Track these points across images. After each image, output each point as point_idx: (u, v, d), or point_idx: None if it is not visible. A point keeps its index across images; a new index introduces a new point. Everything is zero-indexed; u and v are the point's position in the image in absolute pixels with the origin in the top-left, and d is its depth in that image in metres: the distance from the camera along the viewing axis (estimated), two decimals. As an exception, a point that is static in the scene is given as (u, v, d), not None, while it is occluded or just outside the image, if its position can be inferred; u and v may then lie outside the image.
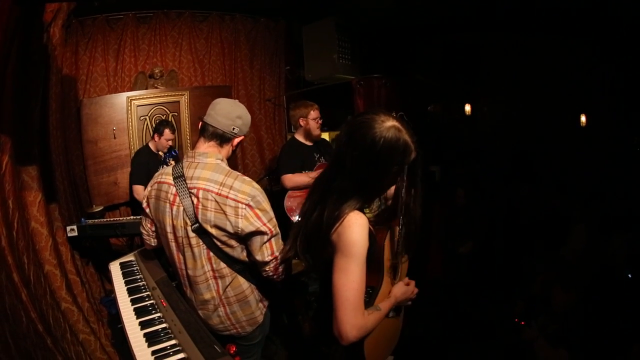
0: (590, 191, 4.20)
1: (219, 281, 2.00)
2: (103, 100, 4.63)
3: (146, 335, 1.75)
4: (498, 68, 5.09)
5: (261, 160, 5.94)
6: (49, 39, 3.44)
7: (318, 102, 3.86)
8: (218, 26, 5.49)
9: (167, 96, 4.96)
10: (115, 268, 2.47)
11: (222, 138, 2.00)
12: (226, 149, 2.04)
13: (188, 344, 1.60)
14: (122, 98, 4.67)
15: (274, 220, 1.95)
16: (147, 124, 4.81)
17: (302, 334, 3.42)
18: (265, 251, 1.91)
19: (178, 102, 5.00)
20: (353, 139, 1.46)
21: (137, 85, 5.00)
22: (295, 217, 3.54)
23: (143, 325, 1.84)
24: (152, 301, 2.04)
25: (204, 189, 1.87)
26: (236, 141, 2.06)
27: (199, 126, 2.05)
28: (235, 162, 5.52)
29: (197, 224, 1.89)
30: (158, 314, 1.92)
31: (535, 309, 3.20)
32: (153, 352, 1.63)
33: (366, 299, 1.53)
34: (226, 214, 1.84)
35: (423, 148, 1.47)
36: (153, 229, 2.20)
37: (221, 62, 5.60)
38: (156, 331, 1.78)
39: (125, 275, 2.37)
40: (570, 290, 2.99)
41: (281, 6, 5.47)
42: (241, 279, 2.03)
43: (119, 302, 2.07)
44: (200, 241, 1.93)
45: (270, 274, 1.98)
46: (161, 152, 4.36)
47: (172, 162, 4.24)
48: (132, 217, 4.03)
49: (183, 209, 1.91)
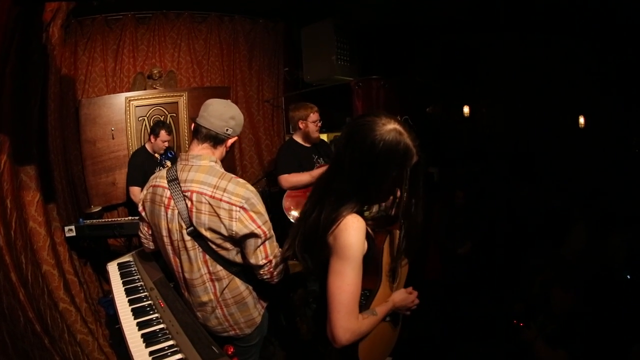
0: (589, 191, 4.20)
1: (216, 284, 1.99)
2: (101, 100, 4.63)
3: (144, 335, 1.75)
4: (497, 69, 5.09)
5: (259, 161, 5.93)
6: (48, 39, 3.44)
7: (316, 104, 3.85)
8: (217, 27, 5.49)
9: (166, 97, 4.96)
10: (113, 268, 2.47)
11: (216, 139, 1.98)
12: (220, 151, 2.03)
13: (186, 345, 1.60)
14: (121, 98, 4.67)
15: (269, 223, 1.95)
16: (146, 125, 4.79)
17: (300, 335, 3.42)
18: (259, 254, 1.91)
19: (176, 103, 4.99)
20: (352, 141, 1.44)
21: (136, 85, 4.99)
22: (292, 213, 3.54)
23: (141, 325, 1.83)
24: (150, 302, 2.04)
25: (198, 192, 1.86)
26: (230, 142, 2.05)
27: (192, 127, 2.04)
28: (233, 164, 5.52)
29: (192, 227, 1.89)
30: (156, 315, 1.92)
31: (534, 310, 3.20)
32: (151, 353, 1.62)
33: (362, 302, 1.52)
34: (220, 217, 1.84)
35: (422, 149, 1.46)
36: (150, 233, 2.20)
37: (220, 63, 5.60)
38: (154, 332, 1.78)
39: (123, 275, 2.36)
40: (569, 290, 2.99)
41: (280, 7, 5.48)
42: (238, 281, 2.03)
43: (117, 303, 2.07)
44: (195, 244, 1.92)
45: (265, 277, 1.98)
46: (157, 154, 4.35)
47: (169, 164, 4.24)
48: (130, 218, 4.03)
49: (178, 213, 1.90)
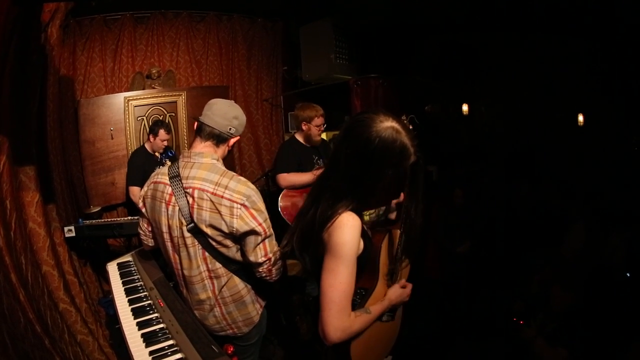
0: (589, 190, 4.21)
1: (215, 281, 2.00)
2: (100, 100, 4.62)
3: (144, 335, 1.76)
4: (496, 67, 5.10)
5: (258, 160, 5.94)
6: (47, 39, 3.44)
7: (315, 102, 3.83)
8: (215, 26, 5.49)
9: (165, 96, 4.95)
10: (112, 268, 2.47)
11: (219, 138, 2.01)
12: (222, 149, 2.05)
13: (185, 344, 1.61)
14: (120, 98, 4.66)
15: (269, 221, 1.95)
16: (145, 125, 4.79)
17: (300, 335, 3.42)
18: (259, 252, 1.91)
19: (175, 103, 4.99)
20: (349, 137, 1.44)
21: (135, 85, 4.99)
22: (288, 217, 3.53)
23: (141, 325, 1.84)
24: (150, 301, 2.05)
25: (200, 189, 1.87)
26: (232, 141, 2.07)
27: (194, 126, 2.05)
28: (232, 163, 5.52)
29: (193, 224, 1.90)
30: (155, 314, 1.92)
31: (533, 308, 3.20)
32: (151, 353, 1.63)
33: (358, 300, 1.52)
34: (221, 214, 1.84)
35: (421, 149, 1.44)
36: (150, 229, 2.20)
37: (218, 63, 5.60)
38: (154, 331, 1.78)
39: (122, 275, 2.37)
40: (569, 289, 2.99)
41: (278, 6, 5.47)
42: (237, 279, 2.03)
43: (117, 303, 2.07)
44: (195, 241, 1.93)
45: (264, 275, 1.99)
46: (157, 153, 4.35)
47: (169, 163, 4.24)
48: (130, 218, 4.03)
49: (178, 209, 1.91)
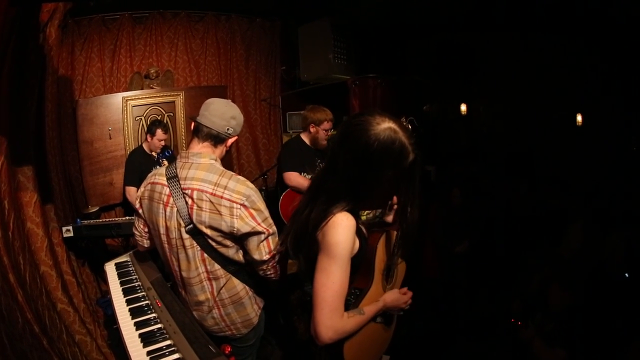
0: (588, 190, 4.21)
1: (213, 282, 2.00)
2: (99, 100, 4.62)
3: (141, 335, 1.76)
4: (494, 67, 5.10)
5: (256, 160, 5.94)
6: (45, 40, 3.43)
7: (313, 103, 3.83)
8: (214, 26, 5.49)
9: (163, 96, 4.95)
10: (110, 268, 2.47)
11: (217, 139, 2.00)
12: (220, 149, 2.05)
13: (183, 345, 1.61)
14: (118, 98, 4.66)
15: (270, 219, 1.95)
16: (143, 124, 4.79)
17: (298, 335, 3.42)
18: (262, 250, 1.91)
19: (173, 103, 4.99)
20: (347, 140, 1.44)
21: (133, 85, 4.99)
22: (286, 215, 3.52)
23: (138, 325, 1.84)
24: (148, 302, 2.05)
25: (198, 190, 1.87)
26: (230, 142, 2.07)
27: (192, 126, 2.04)
28: (230, 162, 5.52)
29: (191, 225, 1.89)
30: (153, 315, 1.92)
31: (532, 308, 3.20)
32: (148, 353, 1.63)
33: (352, 300, 1.52)
34: (221, 214, 1.84)
35: (418, 147, 1.44)
36: (146, 230, 2.19)
37: (217, 62, 5.60)
38: (151, 331, 1.79)
39: (120, 275, 2.37)
40: (567, 289, 3.00)
41: (277, 6, 5.48)
42: (235, 281, 2.03)
43: (114, 303, 2.07)
44: (194, 242, 1.92)
45: (268, 273, 1.99)
46: (154, 153, 4.35)
47: (166, 163, 4.24)
48: (128, 218, 4.03)
49: (177, 210, 1.90)
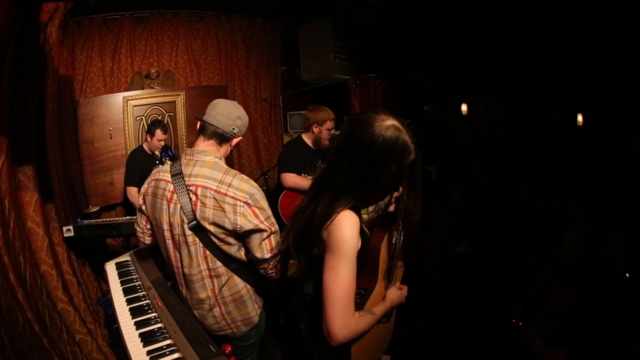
0: (588, 190, 4.20)
1: (215, 280, 2.00)
2: (99, 100, 4.63)
3: (142, 335, 1.76)
4: (495, 67, 5.10)
5: (257, 160, 5.95)
6: (46, 39, 3.43)
7: (314, 103, 3.83)
8: (214, 26, 5.50)
9: (163, 96, 4.96)
10: (111, 268, 2.47)
11: (222, 137, 2.02)
12: (224, 149, 2.06)
13: (183, 344, 1.61)
14: (119, 98, 4.67)
15: (272, 218, 1.96)
16: (143, 124, 4.80)
17: (299, 335, 3.42)
18: (264, 248, 1.92)
19: (174, 102, 5.00)
20: (352, 137, 1.46)
21: (134, 85, 5.00)
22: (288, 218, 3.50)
23: (139, 325, 1.84)
24: (148, 301, 2.05)
25: (203, 187, 1.88)
26: (235, 141, 2.08)
27: (198, 125, 2.06)
28: (231, 162, 5.51)
29: (195, 222, 1.90)
30: (154, 314, 1.92)
31: (532, 308, 3.20)
32: (148, 352, 1.63)
33: (358, 301, 1.52)
34: (225, 211, 1.85)
35: (420, 147, 1.46)
36: (148, 227, 2.20)
37: (217, 62, 5.61)
38: (152, 331, 1.78)
39: (121, 275, 2.37)
40: (568, 289, 2.99)
41: (277, 6, 5.49)
42: (237, 279, 2.03)
43: (115, 302, 2.07)
44: (196, 239, 1.93)
45: (269, 272, 1.99)
46: (157, 152, 4.35)
47: (169, 162, 4.23)
48: (128, 217, 4.03)
49: (180, 207, 1.91)
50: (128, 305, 2.03)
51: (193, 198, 1.89)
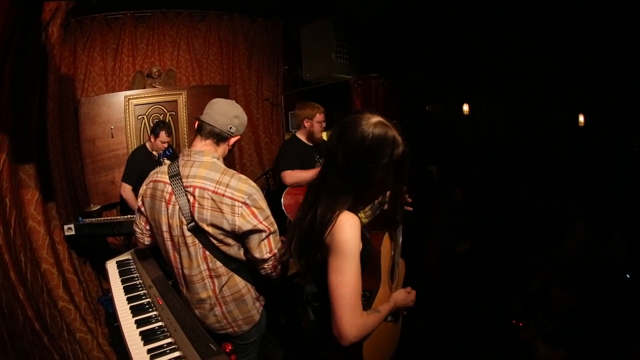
0: (589, 190, 4.20)
1: (215, 280, 2.00)
2: (101, 99, 4.63)
3: (142, 333, 1.76)
4: (496, 67, 5.10)
5: (259, 159, 5.94)
6: (47, 38, 3.44)
7: (316, 102, 3.85)
8: (216, 26, 5.49)
9: (165, 95, 4.96)
10: (111, 266, 2.47)
11: (219, 137, 2.01)
12: (222, 148, 2.06)
13: (184, 343, 1.61)
14: (120, 97, 4.67)
15: (271, 218, 1.96)
16: (145, 123, 4.81)
17: (300, 334, 3.42)
18: (263, 248, 1.92)
19: (176, 102, 5.00)
20: (343, 138, 1.49)
21: (135, 84, 4.99)
22: (292, 215, 3.52)
23: (139, 323, 1.84)
24: (149, 299, 2.05)
25: (201, 187, 1.87)
26: (232, 141, 2.07)
27: (196, 125, 2.06)
28: (232, 162, 5.52)
29: (193, 223, 1.89)
30: (154, 313, 1.92)
31: (533, 309, 3.20)
32: (149, 350, 1.63)
33: (364, 302, 1.53)
34: (223, 212, 1.85)
35: (421, 147, 1.49)
36: (147, 228, 2.20)
37: (219, 62, 5.61)
38: (152, 329, 1.79)
39: (121, 273, 2.37)
40: (568, 289, 2.99)
41: (279, 6, 5.48)
42: (237, 278, 2.03)
43: (116, 301, 2.07)
44: (196, 240, 1.93)
45: (268, 272, 1.99)
46: (155, 152, 4.35)
47: (167, 162, 4.24)
48: (129, 216, 4.02)
49: (179, 208, 1.91)
50: (129, 303, 2.03)
51: (191, 199, 1.89)
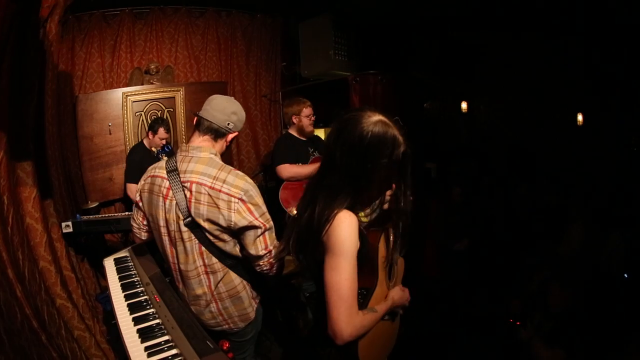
0: (588, 190, 4.21)
1: (211, 276, 2.00)
2: (99, 96, 4.62)
3: (139, 330, 1.75)
4: (495, 65, 5.09)
5: (256, 156, 5.93)
6: (45, 35, 3.42)
7: (314, 99, 3.86)
8: (214, 22, 5.48)
9: (163, 92, 4.95)
10: (109, 264, 2.46)
11: (217, 133, 2.02)
12: (220, 144, 2.06)
13: (181, 340, 1.60)
14: (118, 94, 4.66)
15: (267, 214, 1.97)
16: (143, 120, 4.79)
17: (297, 331, 3.43)
18: (259, 245, 1.92)
19: (173, 98, 4.98)
20: (341, 136, 1.48)
21: (133, 81, 4.98)
22: (291, 209, 3.53)
23: (137, 320, 1.83)
24: (146, 297, 2.04)
25: (197, 183, 1.88)
26: (230, 137, 2.09)
27: (194, 121, 2.07)
28: (230, 158, 5.51)
29: (190, 218, 1.90)
30: (152, 310, 1.92)
31: (531, 308, 3.20)
32: (146, 348, 1.63)
33: (360, 301, 1.52)
34: (219, 208, 1.85)
35: (419, 145, 1.47)
36: (145, 223, 2.21)
37: (217, 58, 5.59)
38: (150, 327, 1.78)
39: (119, 271, 2.36)
40: (567, 289, 3.00)
41: (278, 2, 5.47)
42: (233, 275, 2.04)
43: (113, 298, 2.07)
44: (192, 235, 1.93)
45: (264, 269, 1.99)
46: (154, 149, 4.34)
47: (165, 158, 4.23)
48: (127, 213, 4.02)
49: (176, 203, 1.92)
50: (126, 300, 2.02)
51: (188, 194, 1.89)
